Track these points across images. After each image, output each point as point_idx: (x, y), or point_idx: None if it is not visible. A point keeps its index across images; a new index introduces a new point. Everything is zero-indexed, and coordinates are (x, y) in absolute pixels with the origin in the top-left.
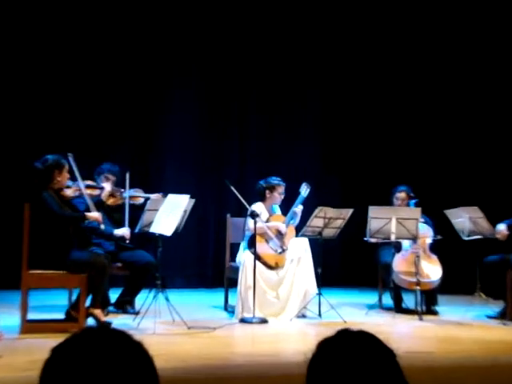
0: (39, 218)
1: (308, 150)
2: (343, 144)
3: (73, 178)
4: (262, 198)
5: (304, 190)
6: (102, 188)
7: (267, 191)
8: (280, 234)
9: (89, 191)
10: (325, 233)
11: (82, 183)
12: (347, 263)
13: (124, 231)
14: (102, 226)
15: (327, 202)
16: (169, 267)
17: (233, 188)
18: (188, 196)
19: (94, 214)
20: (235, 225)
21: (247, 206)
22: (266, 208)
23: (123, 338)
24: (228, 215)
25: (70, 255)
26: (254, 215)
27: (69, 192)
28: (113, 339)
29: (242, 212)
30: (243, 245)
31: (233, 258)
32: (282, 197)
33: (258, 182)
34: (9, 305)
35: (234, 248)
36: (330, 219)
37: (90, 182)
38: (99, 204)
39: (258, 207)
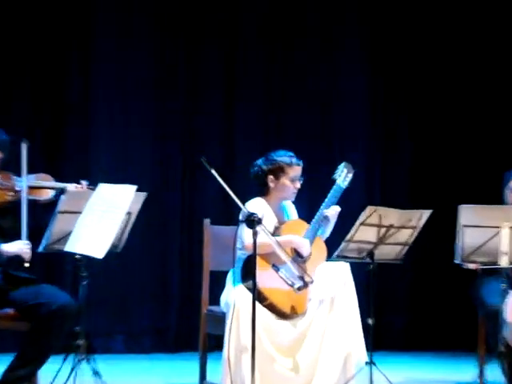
0: None
1: (351, 104)
2: (411, 96)
3: None
4: (263, 191)
5: (342, 177)
6: None
7: (270, 177)
8: (299, 256)
9: None
10: (380, 253)
11: None
12: (422, 308)
13: (19, 247)
14: None
15: (384, 199)
16: (100, 315)
17: (214, 172)
18: (134, 188)
19: None
20: (218, 239)
21: (240, 205)
22: (272, 208)
23: None
24: (206, 221)
25: None
26: (254, 221)
27: None
28: None
29: (229, 216)
30: (233, 275)
31: (214, 298)
32: (299, 186)
33: (253, 163)
34: None
35: (217, 280)
36: (390, 228)
37: None
38: None
39: (257, 206)
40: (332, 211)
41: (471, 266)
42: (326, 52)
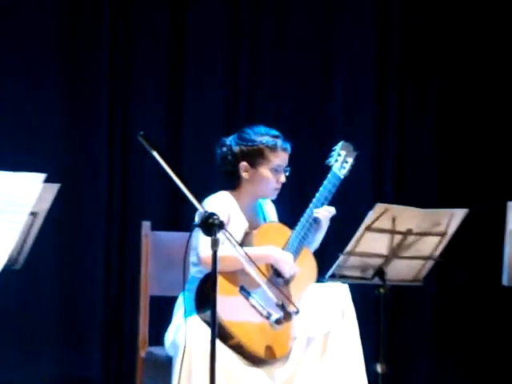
0: None
1: (354, 62)
2: (440, 60)
3: None
4: (232, 183)
5: (340, 162)
6: None
7: (244, 164)
8: (278, 276)
9: None
10: (393, 270)
11: None
12: (454, 350)
13: None
14: None
15: (400, 195)
16: None
17: (157, 155)
18: (42, 177)
19: None
20: (162, 250)
21: (194, 202)
22: (243, 207)
23: None
24: (145, 225)
25: None
26: (214, 225)
27: None
28: None
29: (178, 218)
30: (184, 302)
31: (156, 335)
32: (283, 180)
33: (220, 139)
34: None
35: (161, 310)
36: (409, 236)
37: None
38: None
39: (219, 204)
40: (324, 212)
41: None
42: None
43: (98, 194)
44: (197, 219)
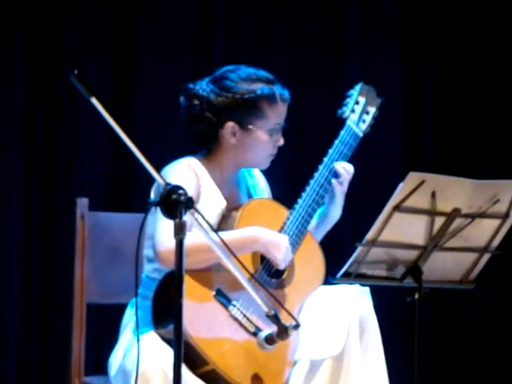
0: None
1: None
2: None
3: None
4: (203, 145)
5: (358, 113)
6: None
7: (230, 125)
8: (270, 272)
9: None
10: (433, 267)
11: None
12: None
13: None
14: None
15: (443, 159)
16: None
17: (96, 103)
18: None
19: None
20: (104, 238)
21: (150, 170)
22: (217, 180)
23: None
24: (81, 203)
25: None
26: (179, 203)
27: None
28: None
29: (127, 193)
30: (136, 313)
31: (96, 359)
32: (282, 143)
33: (186, 86)
34: None
35: (102, 323)
36: (455, 217)
37: None
38: None
39: (185, 174)
40: (347, 166)
41: None
42: None
43: (14, 160)
44: (153, 195)
